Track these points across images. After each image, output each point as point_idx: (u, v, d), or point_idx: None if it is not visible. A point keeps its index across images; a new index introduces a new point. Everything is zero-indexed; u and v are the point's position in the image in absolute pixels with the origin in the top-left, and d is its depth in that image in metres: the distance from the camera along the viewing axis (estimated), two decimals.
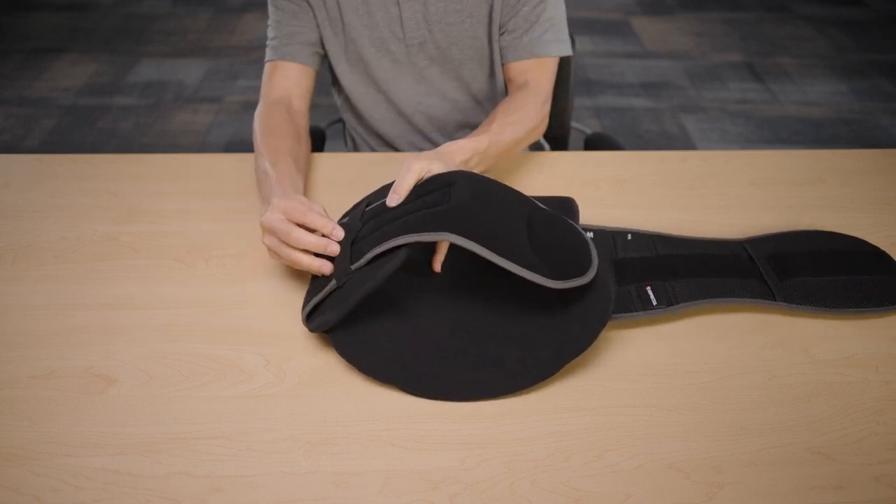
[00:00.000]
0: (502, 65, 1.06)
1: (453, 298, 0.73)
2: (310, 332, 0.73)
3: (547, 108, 1.02)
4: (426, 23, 1.00)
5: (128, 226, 0.88)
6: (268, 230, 0.74)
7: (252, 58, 2.99)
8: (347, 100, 1.14)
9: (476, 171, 0.87)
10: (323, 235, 0.73)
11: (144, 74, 2.84)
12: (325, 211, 0.76)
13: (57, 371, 0.69)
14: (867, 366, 0.71)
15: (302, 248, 0.72)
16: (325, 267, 0.72)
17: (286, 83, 1.02)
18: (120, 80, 2.79)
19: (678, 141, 2.47)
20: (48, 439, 0.62)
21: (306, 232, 0.72)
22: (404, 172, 0.75)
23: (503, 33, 1.02)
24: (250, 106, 2.63)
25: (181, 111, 2.60)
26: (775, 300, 0.77)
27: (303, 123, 1.01)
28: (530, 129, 0.97)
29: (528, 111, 0.97)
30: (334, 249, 0.72)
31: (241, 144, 2.41)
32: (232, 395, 0.67)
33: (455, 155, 0.83)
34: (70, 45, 3.06)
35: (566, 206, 0.84)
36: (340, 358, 0.71)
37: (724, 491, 0.59)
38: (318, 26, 1.03)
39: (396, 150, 1.16)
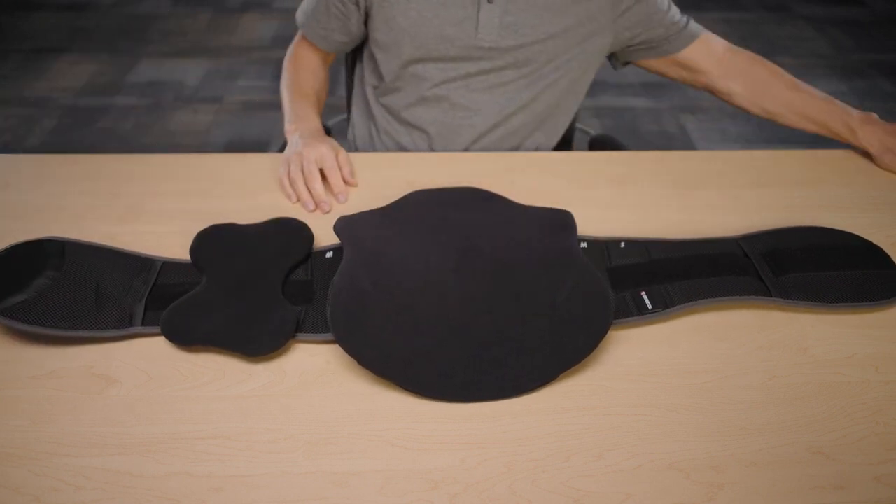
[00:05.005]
0: (667, 55, 1.12)
1: (457, 299, 0.73)
2: (309, 332, 0.73)
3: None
4: (502, 30, 1.01)
5: (128, 226, 0.88)
6: (297, 165, 0.93)
7: (252, 58, 2.99)
8: (380, 87, 1.13)
9: None
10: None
11: (144, 74, 2.84)
12: (348, 162, 0.97)
13: (57, 371, 0.69)
14: (867, 366, 0.71)
15: (310, 192, 0.92)
16: (310, 205, 0.91)
17: (308, 52, 1.15)
18: (120, 80, 2.79)
19: (678, 141, 2.47)
20: (48, 439, 0.62)
21: (322, 185, 0.92)
22: None
23: (651, 48, 1.10)
24: (250, 106, 2.63)
25: (181, 111, 2.60)
26: (771, 296, 0.77)
27: (324, 76, 1.16)
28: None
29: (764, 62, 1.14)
30: (326, 210, 0.91)
31: (241, 144, 2.41)
32: (232, 395, 0.67)
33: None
34: (70, 45, 3.06)
35: (563, 221, 0.83)
36: (340, 358, 0.71)
37: (724, 491, 0.59)
38: (360, 24, 1.07)
39: (426, 133, 1.14)
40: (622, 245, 0.84)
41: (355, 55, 1.20)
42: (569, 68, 1.07)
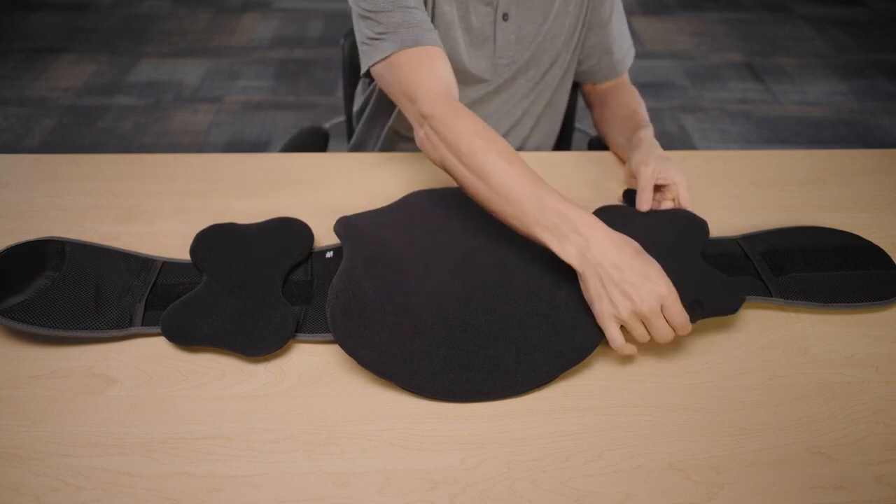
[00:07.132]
0: (586, 83, 1.17)
1: (456, 299, 0.73)
2: (309, 333, 0.73)
3: None
4: (517, 44, 1.02)
5: (128, 226, 0.88)
6: (636, 319, 0.68)
7: (252, 58, 2.99)
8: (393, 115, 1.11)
9: None
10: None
11: (144, 74, 2.84)
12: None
13: (57, 371, 0.69)
14: (867, 366, 0.71)
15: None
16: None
17: (439, 70, 0.83)
18: (120, 80, 2.79)
19: (678, 141, 2.47)
20: (48, 439, 0.62)
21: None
22: (644, 182, 0.88)
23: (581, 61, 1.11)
24: (250, 106, 2.63)
25: (181, 111, 2.60)
26: (771, 296, 0.77)
27: None
28: None
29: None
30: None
31: (241, 144, 2.41)
32: (232, 395, 0.67)
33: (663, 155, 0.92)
34: (70, 45, 3.06)
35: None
36: (340, 358, 0.71)
37: (724, 491, 0.59)
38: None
39: None
40: None
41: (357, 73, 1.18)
42: (562, 62, 1.08)
